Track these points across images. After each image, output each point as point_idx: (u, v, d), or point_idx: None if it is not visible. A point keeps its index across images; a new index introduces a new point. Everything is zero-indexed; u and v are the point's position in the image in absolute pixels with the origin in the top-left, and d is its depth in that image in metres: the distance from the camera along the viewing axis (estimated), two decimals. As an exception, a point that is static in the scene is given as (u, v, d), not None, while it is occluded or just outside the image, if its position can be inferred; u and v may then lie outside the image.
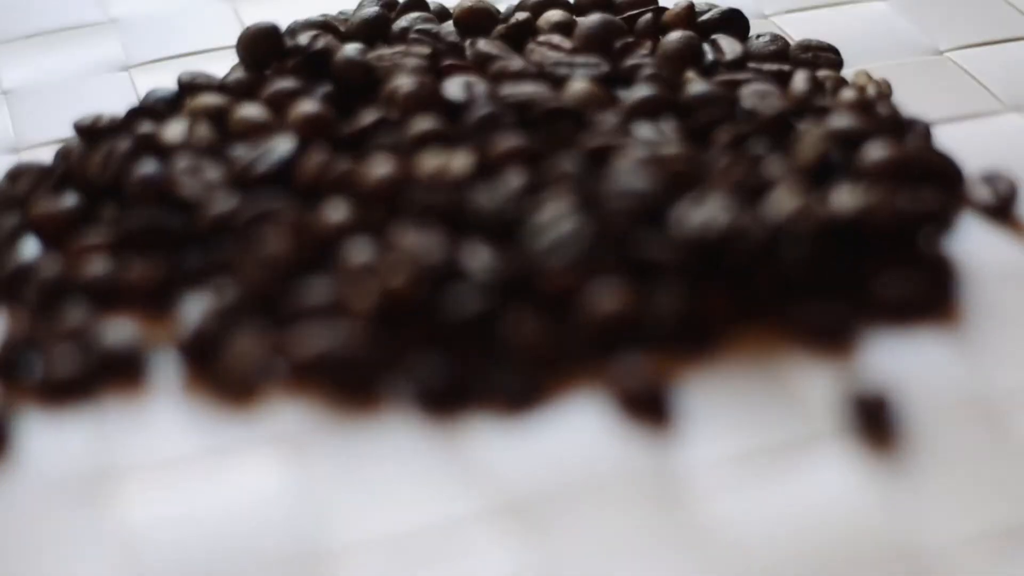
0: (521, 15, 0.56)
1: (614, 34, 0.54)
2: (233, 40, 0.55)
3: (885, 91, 0.53)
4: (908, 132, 0.51)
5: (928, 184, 0.48)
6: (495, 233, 0.45)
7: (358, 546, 0.39)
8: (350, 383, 0.43)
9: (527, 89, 0.50)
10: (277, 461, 0.41)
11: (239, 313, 0.45)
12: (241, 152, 0.49)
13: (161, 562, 0.39)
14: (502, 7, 0.58)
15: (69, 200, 0.49)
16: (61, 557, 0.39)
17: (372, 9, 0.56)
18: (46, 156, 0.52)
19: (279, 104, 0.51)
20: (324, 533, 0.39)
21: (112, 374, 0.44)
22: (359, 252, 0.45)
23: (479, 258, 0.44)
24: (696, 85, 0.51)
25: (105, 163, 0.49)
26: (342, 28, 0.56)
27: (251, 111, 0.50)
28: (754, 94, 0.51)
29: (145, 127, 0.50)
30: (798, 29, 0.58)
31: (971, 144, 0.52)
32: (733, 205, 0.45)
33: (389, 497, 0.40)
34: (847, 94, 0.52)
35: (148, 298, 0.46)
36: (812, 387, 0.43)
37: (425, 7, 0.57)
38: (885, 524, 0.39)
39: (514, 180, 0.47)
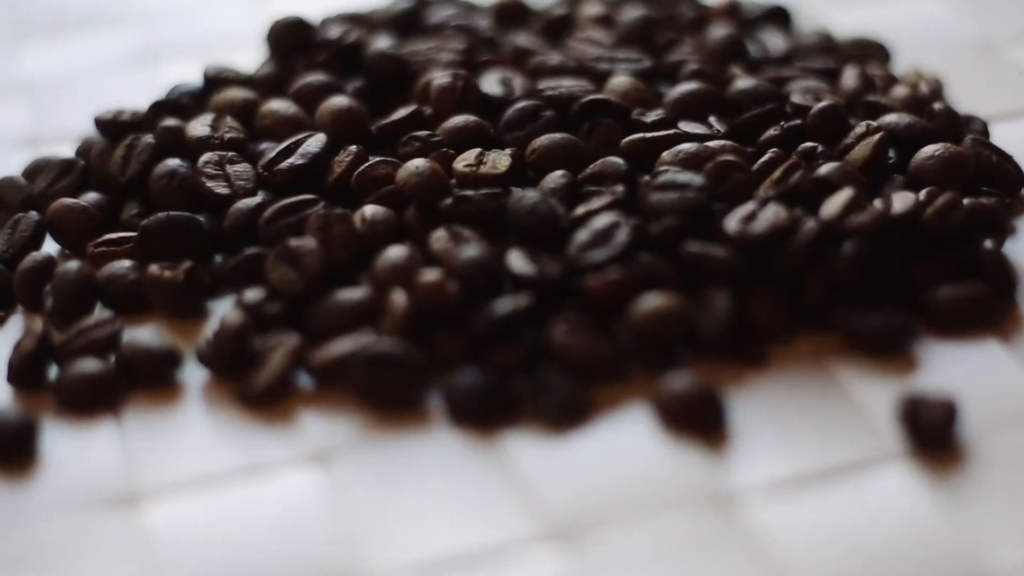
0: (559, 9, 0.56)
1: (655, 29, 0.54)
2: (260, 33, 0.55)
3: (936, 88, 0.52)
4: (965, 131, 0.49)
5: (988, 185, 0.47)
6: (536, 233, 0.44)
7: (394, 571, 0.38)
8: (383, 390, 0.41)
9: (567, 84, 0.49)
10: (311, 477, 0.40)
11: (268, 318, 0.43)
12: (269, 148, 0.48)
13: (187, 577, 0.38)
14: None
15: (89, 198, 0.48)
16: (86, 569, 0.38)
17: (406, 3, 0.56)
18: (66, 151, 0.51)
19: (309, 99, 0.50)
20: (359, 554, 0.38)
21: (136, 381, 0.43)
22: (394, 254, 0.44)
23: (520, 259, 0.43)
24: (742, 81, 0.50)
25: (126, 159, 0.48)
26: (375, 22, 0.55)
27: (280, 106, 0.50)
28: (803, 90, 0.50)
29: (169, 122, 0.49)
30: (843, 24, 0.58)
31: (1029, 143, 0.51)
32: (782, 204, 0.44)
33: (428, 517, 0.39)
34: (899, 91, 0.51)
35: (172, 301, 0.45)
36: (870, 400, 0.42)
37: (460, 1, 0.57)
38: (947, 547, 0.38)
39: (555, 178, 0.45)
